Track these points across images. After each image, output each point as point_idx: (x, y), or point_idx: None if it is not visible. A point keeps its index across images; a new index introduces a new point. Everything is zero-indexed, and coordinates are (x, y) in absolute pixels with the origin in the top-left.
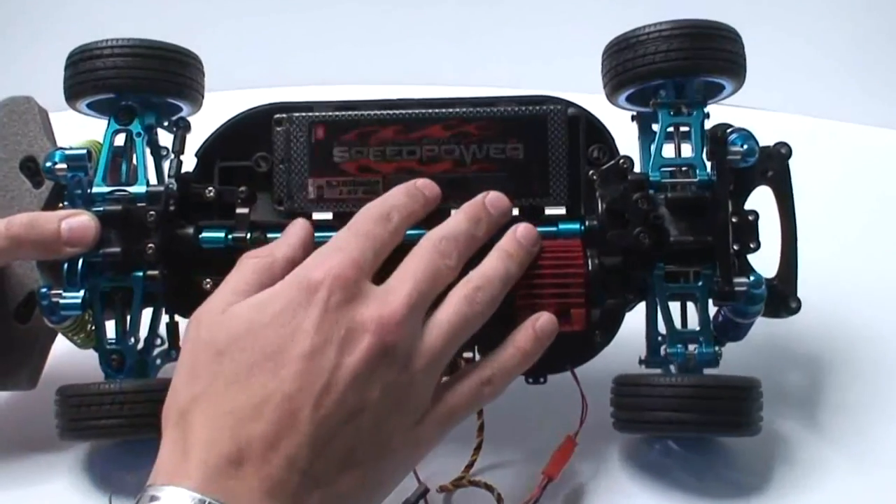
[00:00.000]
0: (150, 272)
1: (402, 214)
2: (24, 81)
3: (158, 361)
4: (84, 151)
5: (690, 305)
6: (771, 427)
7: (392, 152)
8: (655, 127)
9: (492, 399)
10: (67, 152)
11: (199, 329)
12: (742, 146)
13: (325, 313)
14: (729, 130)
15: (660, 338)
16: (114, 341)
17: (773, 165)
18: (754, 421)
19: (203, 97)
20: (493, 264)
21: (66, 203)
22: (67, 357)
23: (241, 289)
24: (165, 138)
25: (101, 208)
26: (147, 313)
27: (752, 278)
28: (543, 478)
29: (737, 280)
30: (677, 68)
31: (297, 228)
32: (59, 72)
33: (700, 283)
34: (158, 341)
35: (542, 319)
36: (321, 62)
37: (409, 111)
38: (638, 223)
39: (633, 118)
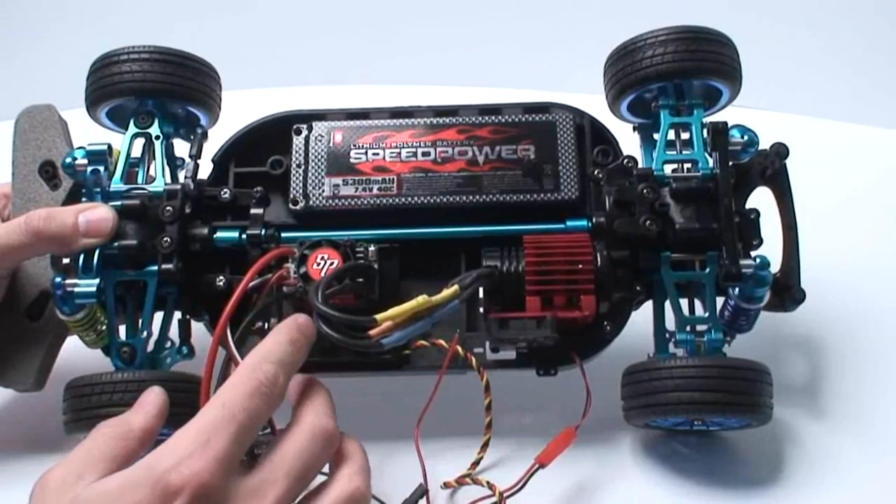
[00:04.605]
0: (164, 266)
1: (287, 370)
2: (34, 84)
3: (168, 360)
4: (105, 146)
5: (698, 304)
6: (776, 417)
7: (407, 154)
8: (656, 136)
9: None
10: (88, 147)
11: None
12: (742, 137)
13: None
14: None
15: (667, 334)
16: (125, 337)
17: (772, 165)
18: (767, 405)
19: (220, 109)
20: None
21: (84, 200)
22: (74, 364)
23: (94, 460)
24: (181, 150)
25: (119, 202)
26: (157, 317)
27: (758, 260)
28: (534, 463)
29: (743, 262)
30: (674, 70)
31: (153, 398)
32: (64, 75)
33: (707, 271)
34: (168, 344)
35: None
36: (331, 63)
37: (423, 119)
38: (644, 211)
39: (634, 129)
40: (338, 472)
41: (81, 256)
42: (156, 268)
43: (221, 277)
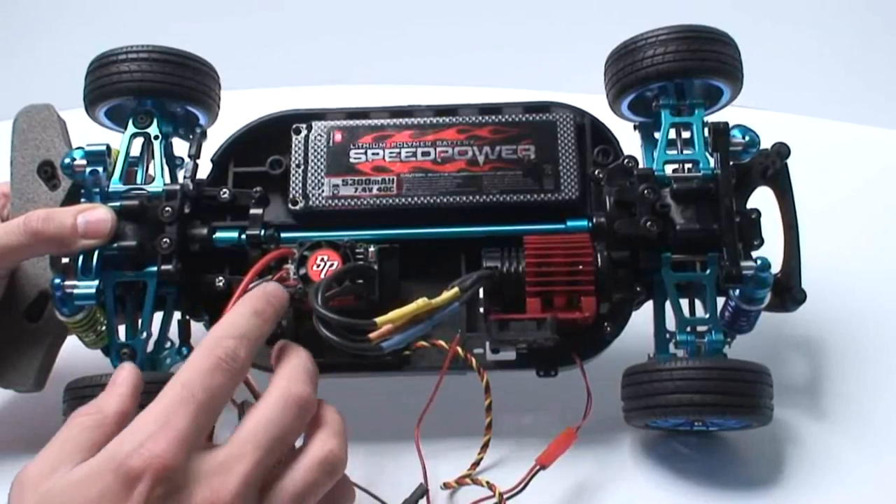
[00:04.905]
0: (164, 266)
1: (250, 343)
2: (33, 83)
3: (168, 361)
4: (103, 146)
5: (698, 304)
6: (776, 417)
7: (407, 154)
8: (657, 135)
9: None
10: (87, 148)
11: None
12: (743, 137)
13: None
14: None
15: (667, 335)
16: (125, 338)
17: (773, 164)
18: (767, 406)
19: (218, 108)
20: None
21: (83, 200)
22: (74, 365)
23: (69, 451)
24: (180, 149)
25: (118, 203)
26: (156, 318)
27: (759, 262)
28: (535, 464)
29: (744, 264)
30: (675, 70)
31: (126, 375)
32: (63, 75)
33: (707, 272)
34: (168, 344)
35: None
36: (330, 63)
37: (423, 119)
38: (645, 212)
39: (634, 128)
40: (312, 438)
41: (81, 257)
42: (155, 268)
43: (221, 278)
